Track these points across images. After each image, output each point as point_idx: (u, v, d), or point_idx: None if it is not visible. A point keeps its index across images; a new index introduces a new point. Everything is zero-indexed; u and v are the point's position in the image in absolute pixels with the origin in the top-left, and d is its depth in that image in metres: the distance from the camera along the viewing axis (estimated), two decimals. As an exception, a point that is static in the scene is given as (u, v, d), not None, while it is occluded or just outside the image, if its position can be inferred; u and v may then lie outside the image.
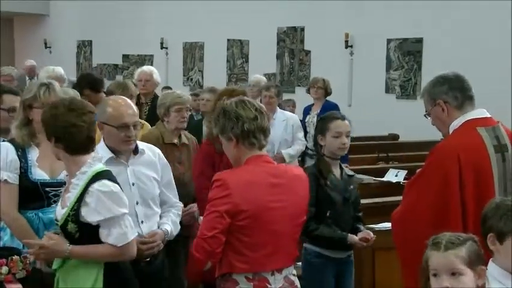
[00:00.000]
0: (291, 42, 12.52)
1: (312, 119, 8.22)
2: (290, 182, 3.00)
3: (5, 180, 3.39)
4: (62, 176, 3.42)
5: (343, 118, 3.87)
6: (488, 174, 3.17)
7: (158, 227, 3.44)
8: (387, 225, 3.61)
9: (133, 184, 3.33)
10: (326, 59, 11.55)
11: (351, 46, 11.50)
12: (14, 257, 3.10)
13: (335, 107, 8.23)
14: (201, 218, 3.14)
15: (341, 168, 3.94)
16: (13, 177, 3.41)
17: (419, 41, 10.76)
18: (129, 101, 3.40)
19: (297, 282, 3.08)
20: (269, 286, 2.93)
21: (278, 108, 6.70)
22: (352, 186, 3.92)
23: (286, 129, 6.50)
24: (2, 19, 16.91)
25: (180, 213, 3.62)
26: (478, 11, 9.83)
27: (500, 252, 2.46)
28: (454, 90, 3.24)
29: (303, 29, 12.30)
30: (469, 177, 3.12)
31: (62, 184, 3.37)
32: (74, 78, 8.04)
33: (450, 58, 9.90)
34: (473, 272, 2.41)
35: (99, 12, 15.06)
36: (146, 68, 6.96)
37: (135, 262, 3.12)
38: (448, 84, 3.26)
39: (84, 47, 15.97)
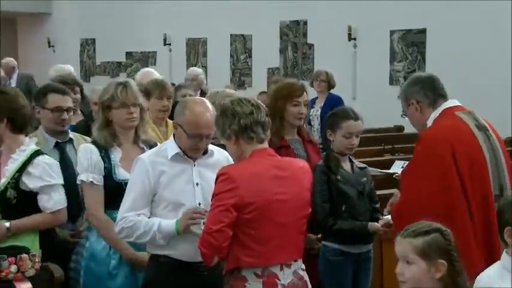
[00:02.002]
0: (294, 36, 12.50)
1: (316, 112, 8.21)
2: (294, 174, 3.02)
3: (91, 182, 3.42)
4: None
5: (356, 118, 3.86)
6: (479, 152, 3.27)
7: None
8: (389, 217, 3.62)
9: (197, 184, 3.19)
10: (329, 52, 11.53)
11: (354, 39, 11.47)
12: (22, 256, 3.12)
13: (339, 99, 8.22)
14: None
15: (351, 162, 3.94)
16: (98, 179, 3.43)
17: (423, 31, 10.73)
18: (209, 107, 3.19)
19: (306, 277, 3.07)
20: (278, 281, 2.93)
21: None
22: (365, 179, 3.92)
23: None
24: (5, 19, 16.94)
25: None
26: (482, 2, 9.79)
27: None
28: (425, 89, 3.40)
29: (305, 23, 12.28)
30: (463, 157, 3.19)
31: None
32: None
33: (454, 48, 9.88)
34: (428, 264, 2.42)
35: (101, 10, 15.06)
36: (150, 69, 7.00)
37: (196, 270, 3.09)
38: (421, 84, 3.42)
39: (88, 45, 15.99)
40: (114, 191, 3.40)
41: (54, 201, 3.36)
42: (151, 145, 3.60)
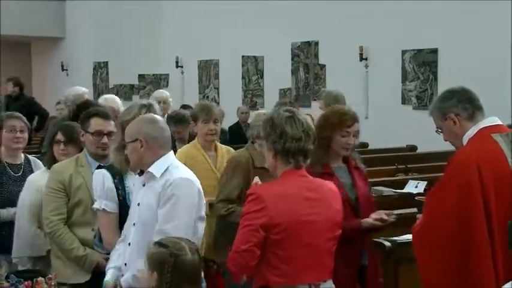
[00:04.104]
0: (306, 57, 12.54)
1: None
2: (325, 196, 3.04)
3: (103, 209, 3.42)
4: None
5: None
6: (509, 179, 3.15)
7: None
8: (409, 237, 3.59)
9: (138, 204, 3.33)
10: (341, 72, 11.55)
11: (366, 59, 11.49)
12: (39, 279, 3.13)
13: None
14: None
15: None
16: (111, 206, 3.43)
17: (435, 51, 10.73)
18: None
19: None
20: None
21: None
22: None
23: None
24: (20, 44, 17.13)
25: None
26: (493, 20, 9.80)
27: None
28: (463, 102, 3.28)
29: (317, 43, 12.33)
30: (490, 184, 3.11)
31: None
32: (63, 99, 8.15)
33: (466, 68, 9.86)
34: (151, 275, 2.71)
35: (114, 34, 15.20)
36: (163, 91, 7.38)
37: None
38: (456, 97, 3.30)
39: (101, 68, 16.11)
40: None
41: None
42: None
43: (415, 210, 3.71)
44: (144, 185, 3.25)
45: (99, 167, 3.81)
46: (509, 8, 9.40)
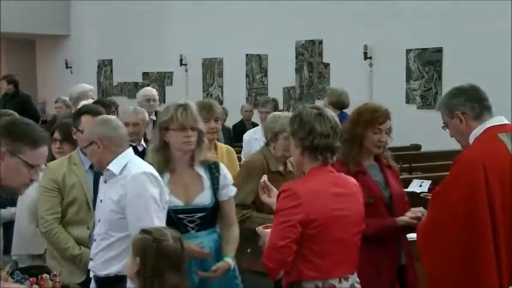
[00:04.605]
0: (310, 56, 12.54)
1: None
2: (352, 191, 3.09)
3: None
4: (198, 201, 3.44)
5: None
6: None
7: None
8: (414, 235, 3.60)
9: (101, 201, 3.45)
10: (345, 71, 11.54)
11: (370, 58, 11.48)
12: (43, 276, 3.13)
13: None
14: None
15: None
16: None
17: (439, 50, 10.72)
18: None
19: None
20: None
21: None
22: None
23: None
24: (24, 41, 17.17)
25: None
26: (497, 19, 9.78)
27: None
28: (471, 101, 3.27)
29: (321, 42, 12.32)
30: (495, 184, 3.10)
31: (197, 210, 3.40)
32: (65, 98, 8.17)
33: (470, 67, 9.84)
34: (134, 260, 2.81)
35: (118, 32, 15.21)
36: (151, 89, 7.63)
37: None
38: (465, 95, 3.29)
39: (105, 66, 16.13)
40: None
41: None
42: (209, 165, 3.57)
43: (420, 209, 3.68)
44: (105, 182, 3.38)
45: (92, 166, 3.80)
46: (514, 7, 9.39)
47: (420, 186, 6.28)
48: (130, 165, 3.33)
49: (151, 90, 7.54)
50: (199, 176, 3.52)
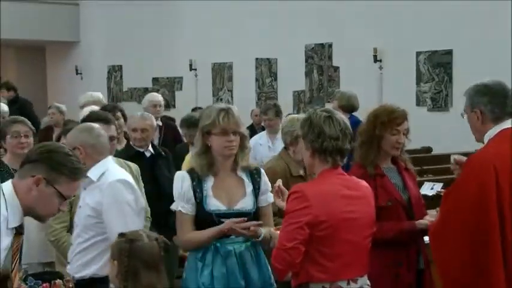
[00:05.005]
0: (319, 59, 12.53)
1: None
2: (364, 194, 3.10)
3: (179, 210, 3.41)
4: (240, 206, 3.41)
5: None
6: None
7: None
8: (426, 238, 3.59)
9: (80, 207, 3.59)
10: (355, 74, 11.53)
11: (380, 60, 11.47)
12: (56, 281, 3.15)
13: (358, 122, 8.11)
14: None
15: None
16: (187, 208, 3.39)
17: (449, 52, 10.69)
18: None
19: None
20: None
21: None
22: None
23: None
24: (34, 48, 17.25)
25: None
26: (507, 21, 9.74)
27: None
28: (493, 105, 3.22)
29: (330, 45, 12.31)
30: (506, 185, 3.10)
31: (239, 214, 3.36)
32: (59, 104, 8.20)
33: (481, 69, 9.80)
34: (112, 264, 2.84)
35: (128, 37, 15.25)
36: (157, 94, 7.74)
37: None
38: (489, 96, 3.24)
39: (115, 72, 16.18)
40: (205, 222, 3.37)
41: None
42: (251, 171, 3.53)
43: (434, 213, 3.65)
44: (85, 189, 3.49)
45: None
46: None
47: (432, 188, 6.26)
48: (107, 173, 3.49)
49: (157, 96, 7.55)
50: (241, 181, 3.49)
